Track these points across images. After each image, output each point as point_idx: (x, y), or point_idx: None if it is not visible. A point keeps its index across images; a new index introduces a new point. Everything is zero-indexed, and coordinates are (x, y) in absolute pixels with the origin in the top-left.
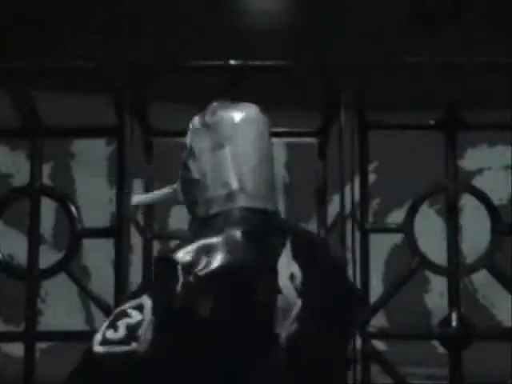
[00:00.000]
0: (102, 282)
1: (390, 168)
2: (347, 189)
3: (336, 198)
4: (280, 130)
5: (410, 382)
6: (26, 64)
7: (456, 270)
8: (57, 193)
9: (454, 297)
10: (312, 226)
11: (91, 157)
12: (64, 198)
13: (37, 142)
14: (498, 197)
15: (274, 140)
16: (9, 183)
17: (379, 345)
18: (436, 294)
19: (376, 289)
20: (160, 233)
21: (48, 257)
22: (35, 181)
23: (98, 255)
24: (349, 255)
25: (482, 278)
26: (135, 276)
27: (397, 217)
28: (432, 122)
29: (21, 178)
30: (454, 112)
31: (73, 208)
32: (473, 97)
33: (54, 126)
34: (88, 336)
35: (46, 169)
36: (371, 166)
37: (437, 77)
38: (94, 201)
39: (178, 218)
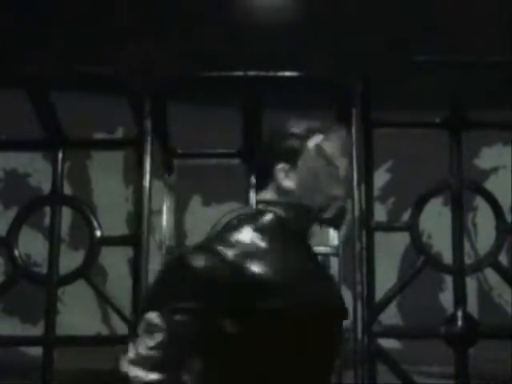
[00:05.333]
0: (118, 280)
1: (404, 167)
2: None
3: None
4: None
5: (425, 380)
6: (54, 68)
7: (461, 268)
8: (77, 202)
9: (460, 295)
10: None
11: (107, 155)
12: (84, 208)
13: (58, 153)
14: None
15: None
16: (26, 183)
17: (394, 344)
18: (451, 292)
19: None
20: None
21: (65, 256)
22: (57, 191)
23: (114, 254)
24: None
25: (497, 277)
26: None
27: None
28: (437, 121)
29: (38, 177)
30: (458, 110)
31: (92, 217)
32: (484, 96)
33: (75, 139)
34: (106, 342)
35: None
36: (385, 166)
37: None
38: (111, 200)
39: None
